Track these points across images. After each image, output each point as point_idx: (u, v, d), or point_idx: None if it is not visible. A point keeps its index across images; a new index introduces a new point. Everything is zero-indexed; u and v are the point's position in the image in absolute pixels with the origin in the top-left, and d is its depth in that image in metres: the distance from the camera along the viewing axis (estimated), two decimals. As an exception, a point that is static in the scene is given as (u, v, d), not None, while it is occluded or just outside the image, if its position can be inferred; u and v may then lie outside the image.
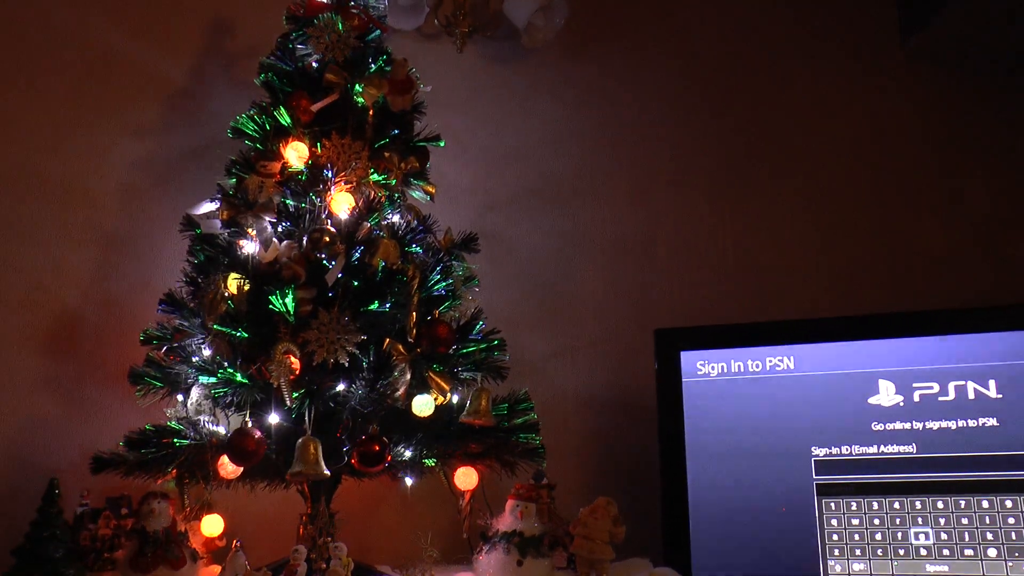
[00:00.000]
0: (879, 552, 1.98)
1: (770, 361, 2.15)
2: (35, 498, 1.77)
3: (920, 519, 1.98)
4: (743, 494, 2.09)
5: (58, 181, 2.37)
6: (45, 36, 2.44)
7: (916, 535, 1.97)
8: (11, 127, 2.37)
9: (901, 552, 1.97)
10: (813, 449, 2.07)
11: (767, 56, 2.76)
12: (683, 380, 2.18)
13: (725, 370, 2.17)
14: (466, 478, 2.00)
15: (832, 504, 2.03)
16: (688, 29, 2.77)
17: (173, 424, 1.91)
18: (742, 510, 2.08)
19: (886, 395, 2.07)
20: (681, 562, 2.04)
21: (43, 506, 1.76)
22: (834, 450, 2.06)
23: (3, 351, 2.26)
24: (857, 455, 2.05)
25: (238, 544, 1.82)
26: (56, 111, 2.41)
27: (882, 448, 2.04)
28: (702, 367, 2.18)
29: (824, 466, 2.06)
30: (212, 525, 1.98)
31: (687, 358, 2.19)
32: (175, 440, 1.87)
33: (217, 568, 1.91)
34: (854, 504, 2.02)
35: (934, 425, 2.03)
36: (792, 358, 2.14)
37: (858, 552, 1.99)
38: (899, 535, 1.98)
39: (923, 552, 1.96)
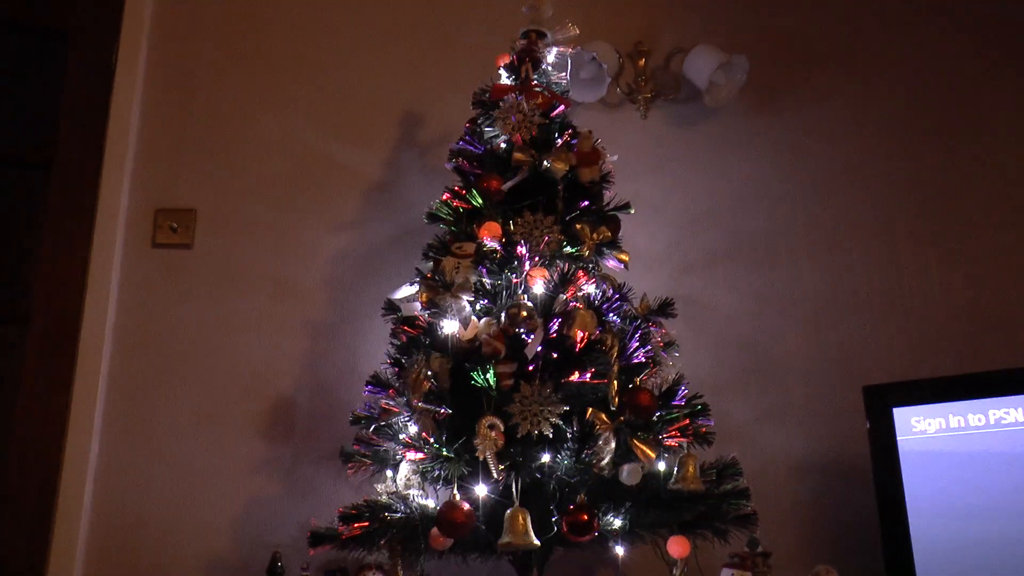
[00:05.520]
0: None
1: (994, 414, 2.01)
2: (260, 571, 1.86)
3: None
4: (976, 558, 1.95)
5: (273, 278, 2.54)
6: (255, 144, 2.64)
7: None
8: (231, 231, 2.57)
9: None
10: (1052, 509, 1.91)
11: (964, 91, 2.67)
12: (898, 438, 2.06)
13: (944, 426, 2.04)
14: (678, 546, 1.95)
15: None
16: (873, 71, 2.71)
17: (384, 499, 1.96)
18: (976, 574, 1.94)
19: None
20: (913, 633, 1.92)
21: (268, 578, 1.84)
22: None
23: (228, 436, 2.42)
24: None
25: (451, 615, 1.84)
26: (268, 213, 2.59)
27: None
28: (917, 424, 2.06)
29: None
30: (427, 596, 2.02)
31: (900, 415, 2.08)
32: (386, 514, 1.92)
33: (434, 640, 1.93)
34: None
35: None
36: (1022, 410, 1.99)
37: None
38: None
39: None
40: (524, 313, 1.94)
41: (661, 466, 1.95)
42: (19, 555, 2.32)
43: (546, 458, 1.88)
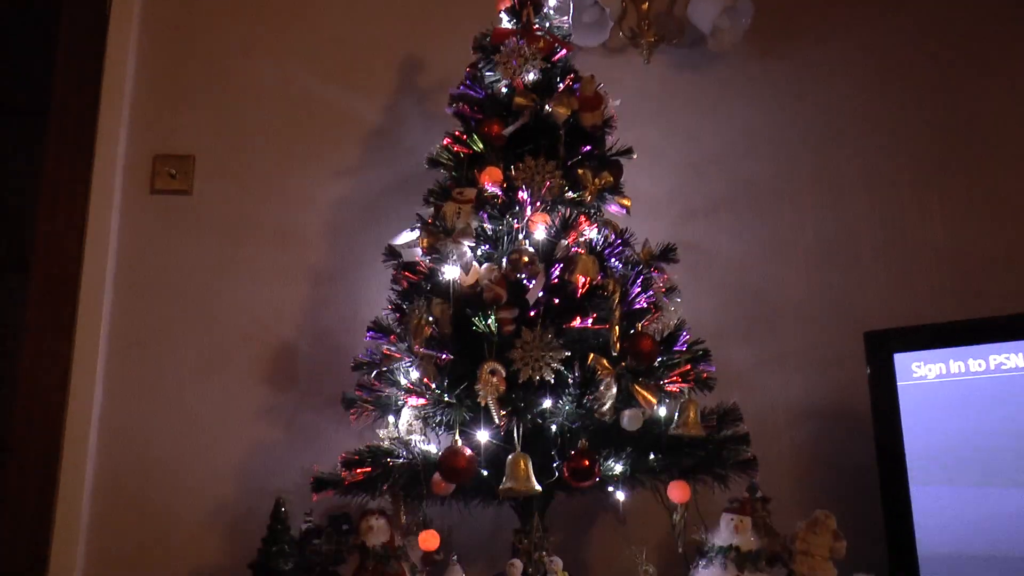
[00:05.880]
0: None
1: (995, 359, 2.01)
2: (264, 517, 1.87)
3: None
4: (974, 503, 1.96)
5: (273, 225, 2.53)
6: (254, 90, 2.62)
7: None
8: (230, 178, 2.56)
9: None
10: (1050, 454, 1.92)
11: (974, 37, 2.64)
12: (898, 384, 2.06)
13: (944, 372, 2.04)
14: (678, 492, 1.97)
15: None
16: (881, 16, 2.67)
17: (386, 445, 1.97)
18: (973, 520, 1.95)
19: None
20: (909, 578, 1.93)
21: (272, 524, 1.87)
22: (1076, 454, 1.90)
23: (230, 383, 2.43)
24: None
25: (455, 559, 1.85)
26: (267, 160, 2.57)
27: None
28: (918, 369, 2.06)
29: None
30: (429, 540, 2.03)
31: (901, 360, 2.07)
32: (389, 460, 1.94)
33: (436, 583, 1.96)
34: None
35: None
36: (1022, 355, 1.98)
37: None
38: None
39: None
40: (525, 259, 1.94)
41: (662, 412, 1.96)
42: (25, 500, 2.35)
43: (547, 404, 1.89)
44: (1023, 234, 2.48)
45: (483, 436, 1.90)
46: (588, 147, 2.11)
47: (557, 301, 1.94)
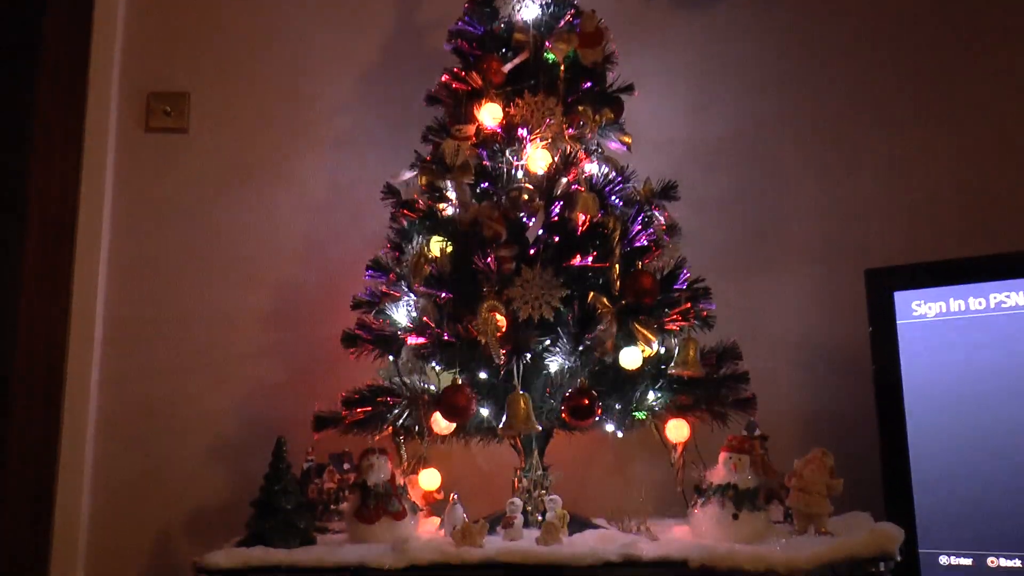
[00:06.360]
0: None
1: (995, 297, 1.99)
2: (266, 455, 1.88)
3: None
4: (970, 444, 1.96)
5: (270, 163, 2.51)
6: (248, 27, 2.58)
7: None
8: (227, 116, 2.54)
9: None
10: (1050, 393, 1.91)
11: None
12: (897, 322, 2.05)
13: (944, 310, 2.03)
14: (677, 430, 1.98)
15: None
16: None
17: (386, 384, 1.98)
18: (970, 460, 1.96)
19: None
20: (904, 517, 1.93)
21: (273, 462, 1.87)
22: (1074, 393, 1.90)
23: (230, 322, 2.44)
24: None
25: (455, 497, 1.86)
26: (263, 98, 2.55)
27: None
28: (918, 307, 2.05)
29: (1064, 411, 1.90)
30: (430, 479, 2.05)
31: (901, 299, 2.06)
32: (389, 399, 1.95)
33: (436, 520, 1.97)
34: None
35: None
36: (1023, 293, 1.97)
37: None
38: None
39: None
40: (525, 196, 1.93)
41: (662, 350, 1.96)
42: (28, 440, 2.36)
43: (547, 342, 1.89)
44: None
45: (483, 375, 1.90)
46: (589, 84, 2.08)
47: (557, 239, 1.94)
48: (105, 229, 2.46)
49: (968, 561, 1.93)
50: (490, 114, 2.02)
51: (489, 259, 1.88)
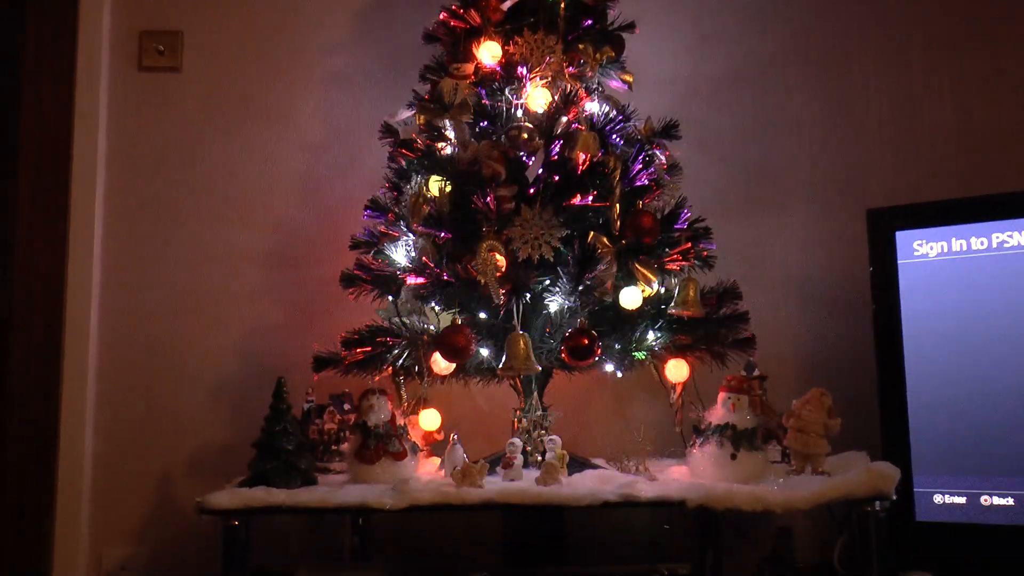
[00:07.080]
0: None
1: (997, 237, 1.98)
2: (266, 396, 1.88)
3: None
4: (968, 384, 1.97)
5: (266, 103, 2.48)
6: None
7: None
8: (221, 55, 2.49)
9: None
10: (1050, 333, 1.91)
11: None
12: (899, 262, 2.05)
13: (945, 249, 2.03)
14: (677, 371, 1.98)
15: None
16: None
17: (386, 324, 1.97)
18: (966, 401, 1.97)
19: None
20: (900, 456, 1.95)
21: (274, 403, 1.87)
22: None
23: (229, 262, 2.42)
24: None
25: (455, 437, 1.87)
26: (257, 36, 2.50)
27: None
28: (919, 247, 2.04)
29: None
30: (430, 419, 2.06)
31: (903, 238, 2.06)
32: (388, 339, 1.95)
33: (436, 460, 1.98)
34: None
35: None
36: (1024, 233, 1.97)
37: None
38: None
39: None
40: (525, 135, 1.92)
41: (662, 290, 1.96)
42: (29, 383, 2.36)
43: (547, 282, 1.88)
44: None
45: (482, 315, 1.90)
46: (589, 21, 2.06)
47: (557, 178, 1.92)
48: (100, 171, 2.43)
49: (962, 500, 1.95)
50: (489, 52, 2.00)
51: (488, 198, 1.86)
